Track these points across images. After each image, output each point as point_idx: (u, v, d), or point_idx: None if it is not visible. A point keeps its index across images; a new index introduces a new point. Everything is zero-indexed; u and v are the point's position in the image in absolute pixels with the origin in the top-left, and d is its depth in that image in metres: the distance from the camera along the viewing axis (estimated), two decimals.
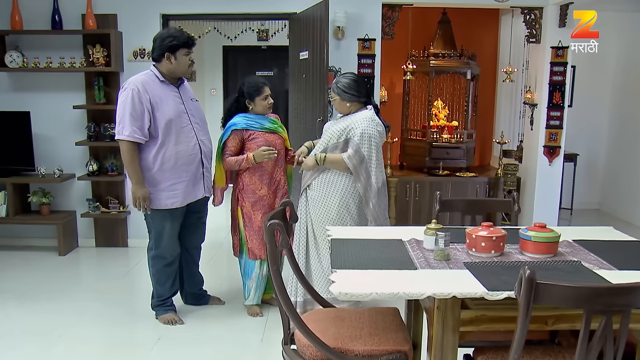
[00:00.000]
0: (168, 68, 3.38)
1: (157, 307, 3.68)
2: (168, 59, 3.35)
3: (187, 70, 3.43)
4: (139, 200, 3.32)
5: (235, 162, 3.53)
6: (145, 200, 3.32)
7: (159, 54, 3.36)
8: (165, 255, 3.54)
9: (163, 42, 3.34)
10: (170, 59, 3.35)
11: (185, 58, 3.37)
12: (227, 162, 3.56)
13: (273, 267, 2.11)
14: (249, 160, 3.49)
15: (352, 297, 1.89)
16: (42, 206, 5.11)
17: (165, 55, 3.34)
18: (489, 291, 1.91)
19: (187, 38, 3.38)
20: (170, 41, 3.33)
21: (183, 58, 3.36)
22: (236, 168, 3.57)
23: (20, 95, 5.13)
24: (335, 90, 3.31)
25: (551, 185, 5.34)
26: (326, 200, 3.30)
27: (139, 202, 3.32)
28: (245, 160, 3.49)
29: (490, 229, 2.32)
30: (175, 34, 3.38)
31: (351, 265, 2.16)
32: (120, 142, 3.29)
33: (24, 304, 3.96)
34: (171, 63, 3.35)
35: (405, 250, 2.39)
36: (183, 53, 3.36)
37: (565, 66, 5.14)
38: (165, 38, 3.35)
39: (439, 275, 2.09)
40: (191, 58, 3.42)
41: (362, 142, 3.21)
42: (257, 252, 3.62)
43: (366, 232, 2.80)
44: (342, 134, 3.26)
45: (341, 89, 3.27)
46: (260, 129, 3.54)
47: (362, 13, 4.96)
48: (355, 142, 3.20)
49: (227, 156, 3.56)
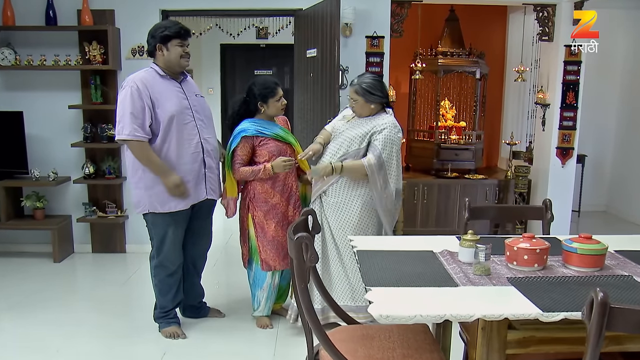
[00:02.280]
0: (164, 60, 3.19)
1: (159, 319, 3.47)
2: (160, 50, 3.17)
3: (180, 62, 3.20)
4: (177, 191, 3.14)
5: (250, 172, 3.32)
6: (180, 186, 3.14)
7: (153, 47, 3.19)
8: (168, 264, 3.34)
9: (155, 34, 3.18)
10: (163, 50, 3.16)
11: (178, 49, 3.17)
12: (241, 173, 3.34)
13: (301, 285, 1.92)
14: (267, 171, 3.29)
15: (394, 320, 1.70)
16: (36, 211, 4.89)
17: (157, 47, 3.17)
18: (544, 312, 1.73)
19: (179, 28, 3.18)
20: (161, 32, 3.15)
21: (175, 49, 3.17)
22: (251, 179, 3.36)
23: (13, 95, 4.91)
24: (359, 91, 3.08)
25: (564, 187, 5.18)
26: (347, 205, 3.10)
27: (178, 192, 3.14)
28: (263, 171, 3.29)
29: (532, 240, 2.14)
30: (167, 24, 3.20)
31: (386, 282, 1.98)
32: (128, 142, 3.08)
33: (18, 315, 3.74)
34: (164, 55, 3.17)
35: (440, 264, 2.21)
36: (175, 44, 3.16)
37: (579, 65, 4.99)
38: (157, 29, 3.19)
39: (483, 293, 1.91)
40: (185, 50, 3.21)
41: (385, 148, 3.02)
42: (272, 263, 3.42)
43: (392, 243, 2.61)
44: (364, 139, 3.05)
45: (367, 90, 3.06)
46: (271, 135, 3.35)
47: (370, 9, 4.77)
48: (378, 147, 3.01)
49: (238, 166, 3.34)
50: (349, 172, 3.06)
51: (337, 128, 3.22)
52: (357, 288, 3.17)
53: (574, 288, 1.94)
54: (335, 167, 3.04)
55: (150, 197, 3.18)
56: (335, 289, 3.15)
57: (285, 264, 3.42)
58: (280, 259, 3.40)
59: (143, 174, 3.16)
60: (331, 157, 3.15)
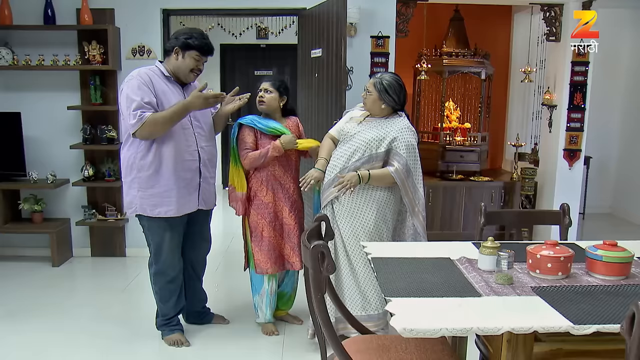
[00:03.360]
0: (173, 65, 3.10)
1: (162, 327, 3.38)
2: (176, 53, 3.08)
3: (187, 75, 3.12)
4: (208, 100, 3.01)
5: (259, 155, 3.20)
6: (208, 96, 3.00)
7: (171, 47, 3.10)
8: (167, 270, 3.23)
9: (179, 36, 3.09)
10: (179, 54, 3.08)
11: (192, 61, 3.08)
12: (250, 157, 3.21)
13: (317, 296, 1.83)
14: (276, 147, 3.18)
15: (419, 333, 1.61)
16: (34, 214, 4.79)
17: (175, 49, 3.08)
18: (575, 325, 1.65)
19: (204, 43, 3.09)
20: (186, 38, 3.06)
21: (190, 60, 3.08)
22: (261, 162, 3.23)
23: (11, 95, 4.79)
24: (377, 85, 2.97)
25: (571, 190, 5.10)
26: (361, 212, 2.98)
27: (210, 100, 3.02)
28: (272, 149, 3.18)
29: (556, 247, 2.06)
30: (196, 34, 3.10)
31: (406, 292, 1.89)
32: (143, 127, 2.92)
33: (15, 322, 3.63)
34: (177, 60, 3.08)
35: (460, 272, 2.12)
36: (193, 55, 3.07)
37: (587, 66, 4.92)
38: (184, 34, 3.10)
39: (508, 303, 1.83)
40: (199, 66, 3.13)
41: (409, 155, 2.92)
42: (264, 266, 3.32)
43: (407, 249, 2.52)
44: (380, 143, 2.94)
45: (384, 87, 2.95)
46: (265, 130, 3.24)
47: (376, 9, 4.69)
48: (402, 155, 2.91)
49: (245, 152, 3.23)
50: (377, 180, 2.94)
51: (347, 130, 3.09)
52: (368, 297, 3.07)
53: (603, 298, 1.85)
54: (362, 176, 2.91)
55: (142, 199, 3.08)
56: (345, 298, 3.05)
57: (276, 267, 3.32)
58: (271, 262, 3.30)
59: (137, 173, 3.06)
60: (345, 162, 3.00)
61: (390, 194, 2.99)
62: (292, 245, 3.33)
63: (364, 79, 4.74)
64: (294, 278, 3.57)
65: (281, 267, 3.36)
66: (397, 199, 3.03)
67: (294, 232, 3.33)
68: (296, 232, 3.34)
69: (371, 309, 3.08)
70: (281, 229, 3.33)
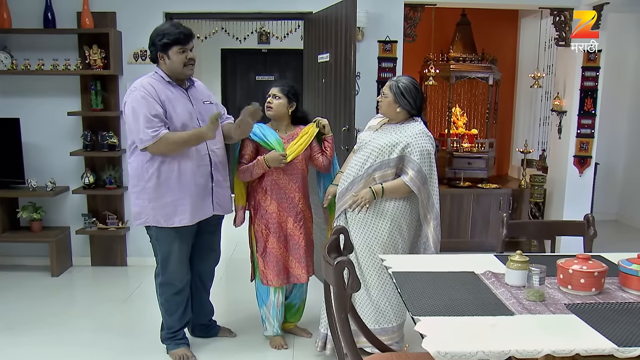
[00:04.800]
0: (166, 69, 2.99)
1: (167, 341, 3.25)
2: (162, 58, 2.96)
3: (183, 71, 2.99)
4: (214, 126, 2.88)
5: (245, 169, 3.13)
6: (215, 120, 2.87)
7: (154, 55, 2.99)
8: (174, 281, 3.12)
9: (154, 41, 2.96)
10: (164, 58, 2.95)
11: (179, 56, 2.94)
12: (239, 172, 3.17)
13: (341, 315, 1.72)
14: (259, 164, 3.09)
15: (454, 357, 1.50)
16: (33, 222, 4.66)
17: (158, 55, 2.96)
18: (619, 347, 1.55)
19: (178, 34, 2.94)
20: (160, 39, 2.93)
21: (177, 56, 2.94)
22: (248, 178, 3.16)
23: (9, 101, 4.68)
24: (393, 88, 2.88)
25: (582, 197, 5.02)
26: (376, 223, 2.88)
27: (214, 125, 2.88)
28: (256, 165, 3.09)
29: (589, 262, 1.96)
30: (167, 30, 2.95)
31: (435, 311, 1.79)
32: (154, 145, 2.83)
33: (14, 334, 3.50)
34: (165, 63, 2.97)
35: (487, 288, 2.01)
36: (176, 51, 2.94)
37: (598, 71, 4.84)
38: (156, 36, 2.96)
39: (543, 322, 1.72)
40: (188, 56, 2.98)
41: (423, 162, 2.81)
42: (269, 278, 3.21)
43: (426, 262, 2.42)
44: (393, 149, 2.84)
45: (400, 90, 2.86)
46: (261, 142, 3.13)
47: (383, 13, 4.60)
48: (416, 162, 2.79)
49: (240, 165, 3.17)
50: (392, 193, 2.84)
51: (362, 138, 3.00)
52: (382, 310, 2.96)
53: None
54: (376, 192, 2.83)
55: (154, 209, 2.96)
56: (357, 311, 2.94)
57: (280, 280, 3.21)
58: (274, 274, 3.20)
59: (147, 184, 2.94)
60: (358, 169, 2.92)
61: (405, 203, 2.88)
62: (298, 257, 3.22)
63: (371, 84, 4.66)
64: (303, 289, 3.45)
65: (286, 280, 3.24)
66: (414, 209, 2.92)
67: (300, 243, 3.22)
68: (302, 244, 3.23)
69: (385, 322, 2.98)
70: (285, 240, 3.22)
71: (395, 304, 2.97)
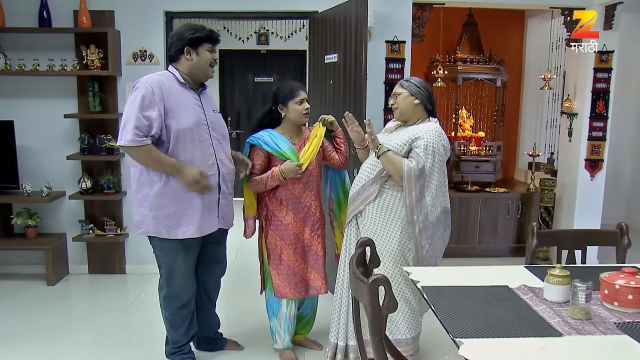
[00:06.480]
0: (189, 66, 2.82)
1: (172, 356, 3.10)
2: (188, 53, 2.80)
3: (207, 70, 2.87)
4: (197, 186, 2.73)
5: (259, 181, 2.99)
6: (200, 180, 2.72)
7: (178, 50, 2.82)
8: (180, 294, 2.96)
9: (182, 35, 2.81)
10: (192, 54, 2.80)
11: (208, 54, 2.84)
12: (251, 183, 3.02)
13: (376, 338, 1.57)
14: (275, 176, 2.95)
15: None
16: (28, 229, 4.49)
17: (185, 50, 2.80)
18: None
19: (210, 31, 2.86)
20: (191, 34, 2.80)
21: (206, 54, 2.83)
22: (262, 189, 3.02)
23: (3, 103, 4.50)
24: (404, 84, 2.82)
25: (593, 202, 4.91)
26: (386, 229, 2.76)
27: (198, 187, 2.74)
28: (271, 178, 2.95)
29: (636, 276, 1.82)
30: (197, 27, 2.85)
31: (477, 332, 1.64)
32: (131, 149, 2.66)
33: (7, 345, 3.34)
34: (192, 59, 2.81)
35: (525, 305, 1.87)
36: (207, 48, 2.82)
37: (610, 72, 4.72)
38: (186, 31, 2.82)
39: (596, 344, 1.59)
40: (215, 57, 2.89)
41: (426, 156, 2.68)
42: (282, 291, 3.06)
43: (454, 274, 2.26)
44: (404, 145, 2.73)
45: (414, 83, 2.80)
46: (275, 152, 2.99)
47: (391, 13, 4.46)
48: (419, 154, 2.68)
49: (251, 176, 3.02)
50: (388, 162, 2.72)
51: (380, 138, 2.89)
52: (395, 321, 2.84)
53: None
54: (379, 148, 2.73)
55: (156, 219, 2.80)
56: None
57: (296, 293, 3.06)
58: (290, 287, 3.05)
59: (149, 191, 2.77)
60: (369, 173, 2.84)
61: None
62: (318, 269, 3.07)
63: (378, 86, 4.53)
64: (315, 300, 3.31)
65: (304, 292, 3.09)
66: None
67: (318, 254, 3.08)
68: (320, 254, 3.09)
69: (399, 333, 2.86)
70: (303, 251, 3.07)
71: (408, 316, 2.86)
